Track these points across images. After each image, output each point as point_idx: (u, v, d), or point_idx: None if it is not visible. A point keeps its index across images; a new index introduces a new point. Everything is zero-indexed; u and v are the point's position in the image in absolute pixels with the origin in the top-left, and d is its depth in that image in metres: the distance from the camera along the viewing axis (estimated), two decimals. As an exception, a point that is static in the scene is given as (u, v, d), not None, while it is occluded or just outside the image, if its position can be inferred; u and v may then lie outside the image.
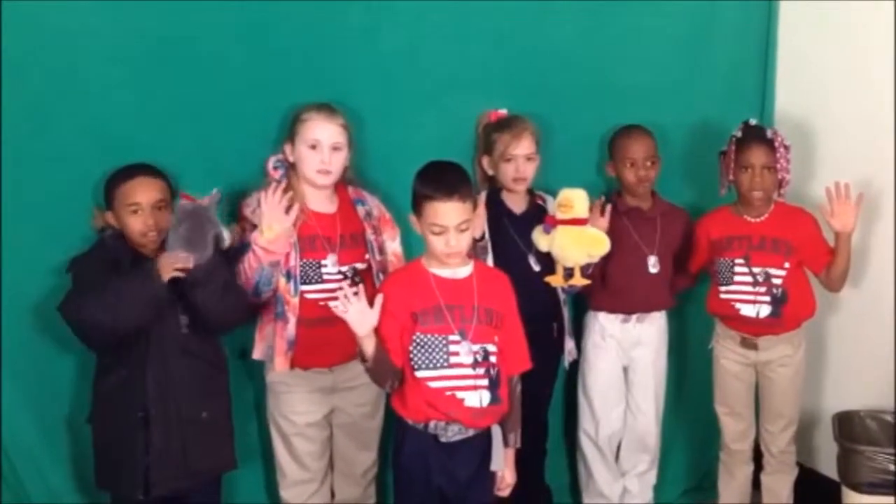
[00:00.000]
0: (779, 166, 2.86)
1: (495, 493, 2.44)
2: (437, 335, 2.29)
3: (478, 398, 2.29)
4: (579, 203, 2.67)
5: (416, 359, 2.29)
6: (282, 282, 2.55)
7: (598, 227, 2.76)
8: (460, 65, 2.87)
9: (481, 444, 2.38)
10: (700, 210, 3.12)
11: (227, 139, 2.64)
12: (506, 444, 2.41)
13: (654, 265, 2.98)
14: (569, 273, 2.75)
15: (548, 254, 2.76)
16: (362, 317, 2.21)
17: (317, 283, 2.58)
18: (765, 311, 2.89)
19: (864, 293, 3.07)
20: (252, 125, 2.66)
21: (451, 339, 2.29)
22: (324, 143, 2.57)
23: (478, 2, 2.86)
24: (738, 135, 2.90)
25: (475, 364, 2.29)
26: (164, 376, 2.40)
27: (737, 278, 2.92)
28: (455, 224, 2.25)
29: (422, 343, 2.28)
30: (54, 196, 2.48)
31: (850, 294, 3.02)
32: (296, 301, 2.55)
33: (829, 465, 3.10)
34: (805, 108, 3.26)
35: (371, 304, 2.23)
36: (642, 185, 2.95)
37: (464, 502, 2.38)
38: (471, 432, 2.35)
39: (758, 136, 2.88)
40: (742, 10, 3.28)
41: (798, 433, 3.06)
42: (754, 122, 2.94)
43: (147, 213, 2.41)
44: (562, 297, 2.94)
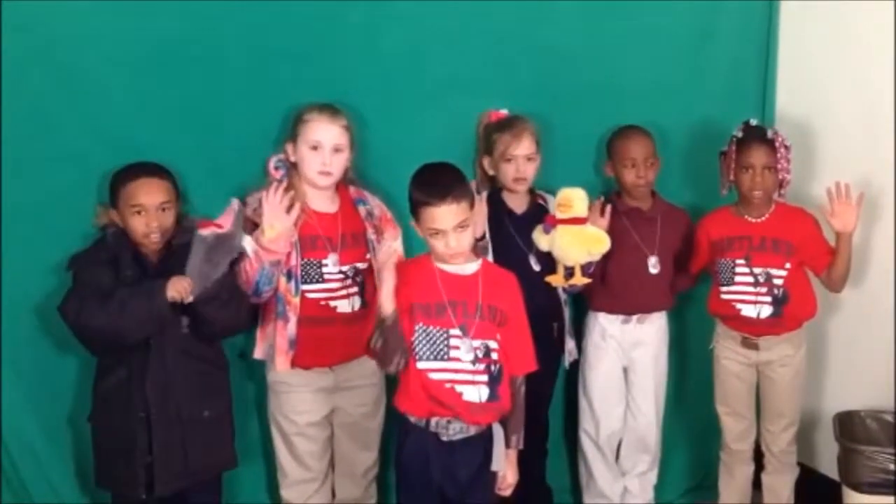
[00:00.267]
0: (779, 166, 2.85)
1: (497, 492, 2.44)
2: (438, 328, 2.30)
3: (476, 393, 2.30)
4: (578, 202, 2.67)
5: (418, 349, 2.29)
6: (283, 281, 2.55)
7: (598, 226, 2.76)
8: (460, 65, 2.87)
9: (483, 443, 2.38)
10: (700, 210, 3.11)
11: (228, 139, 2.65)
12: (508, 446, 2.41)
13: (654, 266, 2.98)
14: (569, 272, 2.74)
15: (548, 254, 2.76)
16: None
17: (318, 282, 2.59)
18: (766, 311, 2.88)
19: (865, 293, 3.06)
20: (253, 125, 2.66)
21: (451, 333, 2.30)
22: (325, 145, 2.57)
23: (478, 2, 2.86)
24: (739, 135, 2.89)
25: (475, 360, 2.30)
26: (165, 376, 2.41)
27: (738, 279, 2.92)
28: (452, 226, 2.25)
29: (424, 334, 2.29)
30: (55, 196, 2.49)
31: (851, 294, 3.01)
32: (297, 300, 2.55)
33: (830, 464, 3.09)
34: (805, 109, 3.26)
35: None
36: (642, 185, 2.94)
37: (464, 502, 2.38)
38: (472, 431, 2.35)
39: (758, 136, 2.88)
40: (743, 10, 3.28)
41: (799, 433, 3.05)
42: (755, 122, 2.93)
43: (150, 215, 2.41)
44: (562, 297, 2.94)
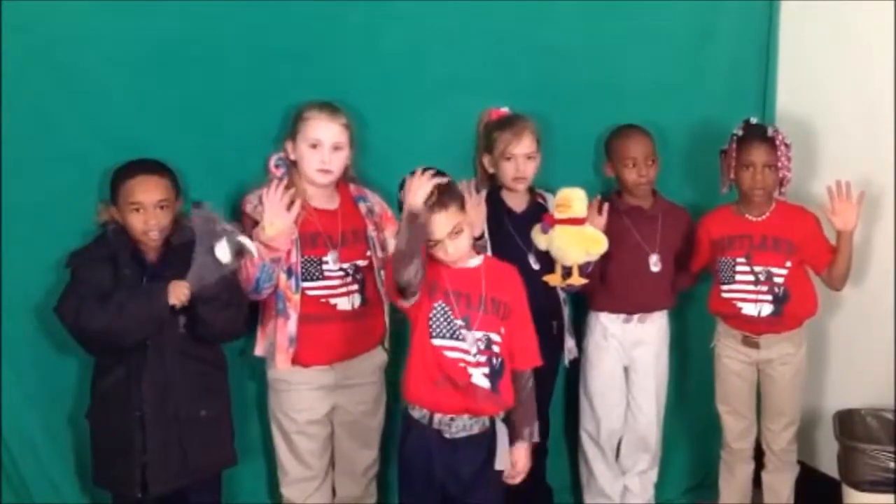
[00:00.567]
0: (780, 164, 2.85)
1: (506, 480, 2.45)
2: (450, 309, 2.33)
3: (482, 380, 2.32)
4: (577, 202, 2.66)
5: (434, 327, 2.32)
6: (283, 278, 2.55)
7: (596, 225, 2.75)
8: (460, 65, 2.88)
9: (486, 441, 2.39)
10: (701, 209, 3.11)
11: (228, 138, 2.65)
12: (521, 438, 2.42)
13: (655, 264, 2.97)
14: (567, 272, 2.74)
15: (547, 252, 2.76)
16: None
17: (318, 279, 2.59)
18: (766, 309, 2.88)
19: (865, 292, 3.06)
20: (253, 125, 2.67)
21: (457, 323, 2.32)
22: (325, 143, 2.58)
23: (478, 2, 2.87)
24: (739, 133, 2.89)
25: (477, 352, 2.32)
26: (162, 376, 2.41)
27: (738, 277, 2.92)
28: (446, 233, 2.29)
29: (442, 312, 2.32)
30: (55, 196, 2.49)
31: (851, 293, 3.01)
32: (297, 298, 2.56)
33: (830, 463, 3.09)
34: (806, 108, 3.26)
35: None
36: (644, 184, 2.94)
37: (466, 500, 2.39)
38: (475, 429, 2.36)
39: (759, 134, 2.87)
40: (743, 10, 3.28)
41: (799, 431, 3.05)
42: (755, 121, 2.93)
43: (149, 213, 2.41)
44: (562, 296, 2.94)
